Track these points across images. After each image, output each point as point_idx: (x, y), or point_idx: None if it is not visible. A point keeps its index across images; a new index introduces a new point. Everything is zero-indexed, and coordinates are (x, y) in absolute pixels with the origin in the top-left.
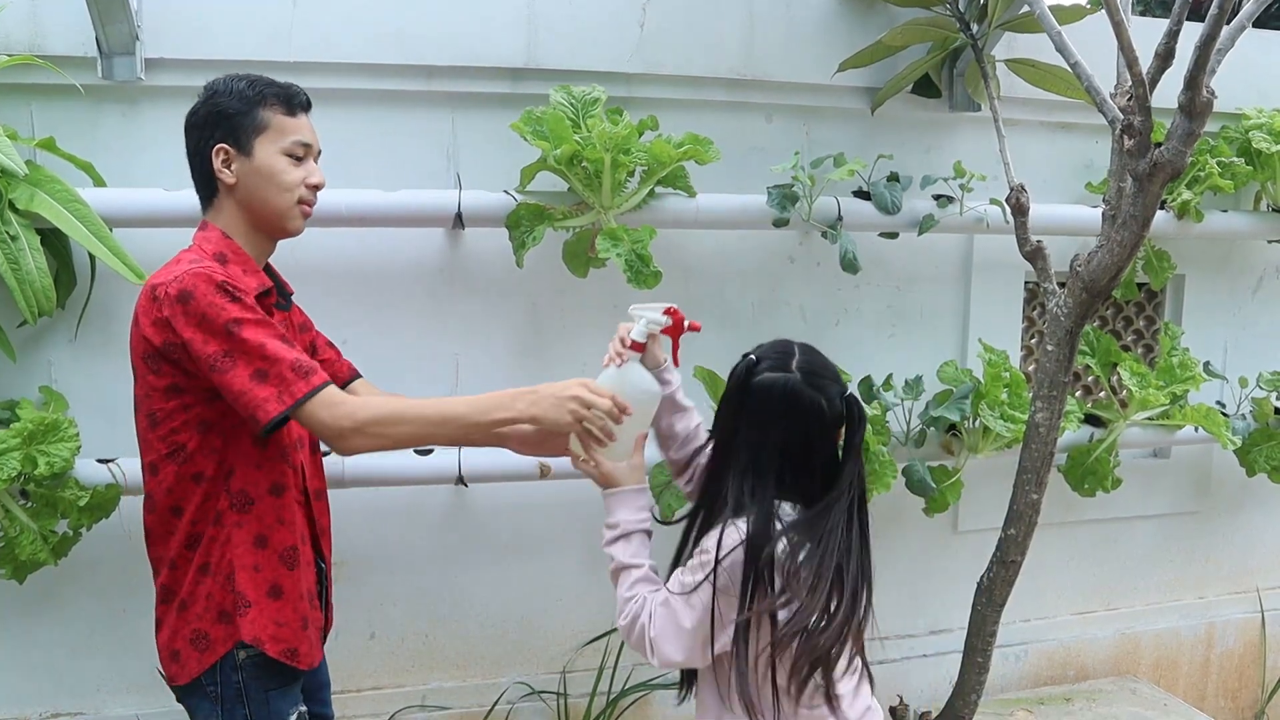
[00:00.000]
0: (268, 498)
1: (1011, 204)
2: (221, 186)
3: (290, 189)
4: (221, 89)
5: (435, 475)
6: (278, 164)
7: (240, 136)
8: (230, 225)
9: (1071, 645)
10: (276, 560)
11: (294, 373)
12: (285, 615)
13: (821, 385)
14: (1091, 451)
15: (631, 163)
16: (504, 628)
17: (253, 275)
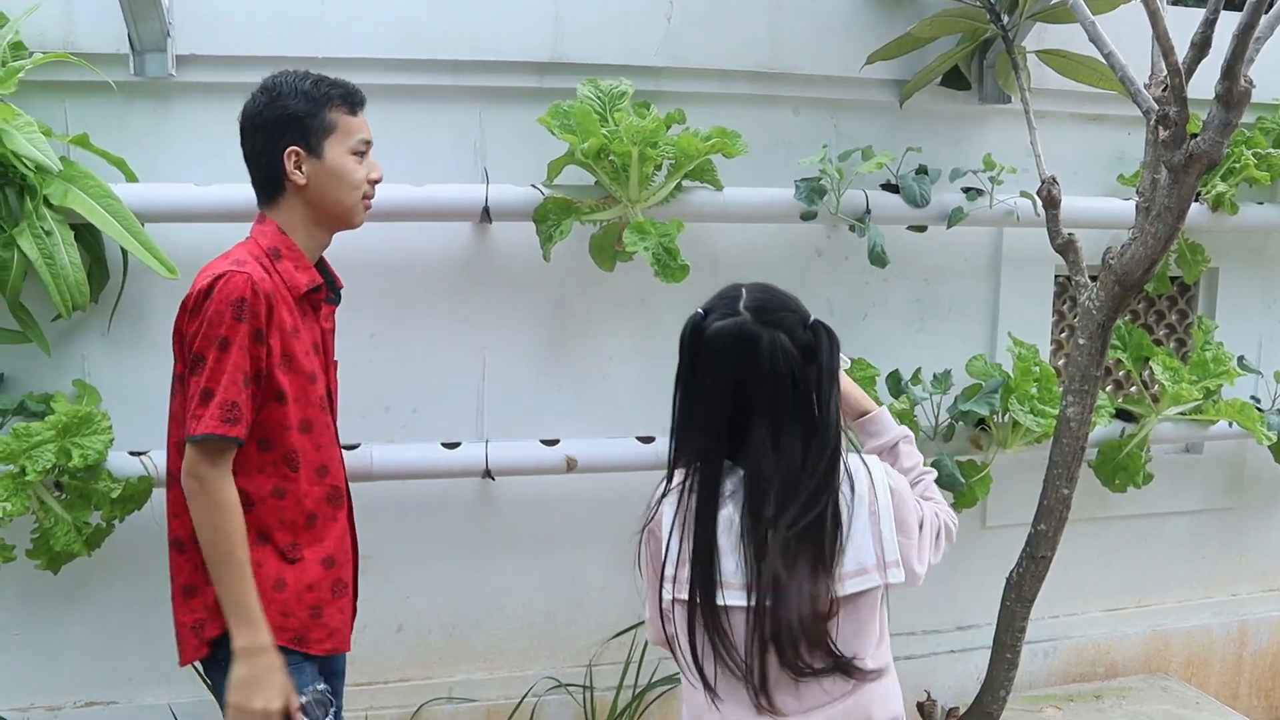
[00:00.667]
0: (270, 499)
1: (1043, 196)
2: (290, 186)
3: (358, 186)
4: (286, 90)
5: (462, 468)
6: (347, 164)
7: (310, 139)
8: (291, 221)
9: (1102, 642)
10: (277, 557)
11: (219, 410)
12: (290, 606)
13: (776, 320)
14: (1123, 447)
15: (659, 156)
16: (531, 621)
17: (304, 271)
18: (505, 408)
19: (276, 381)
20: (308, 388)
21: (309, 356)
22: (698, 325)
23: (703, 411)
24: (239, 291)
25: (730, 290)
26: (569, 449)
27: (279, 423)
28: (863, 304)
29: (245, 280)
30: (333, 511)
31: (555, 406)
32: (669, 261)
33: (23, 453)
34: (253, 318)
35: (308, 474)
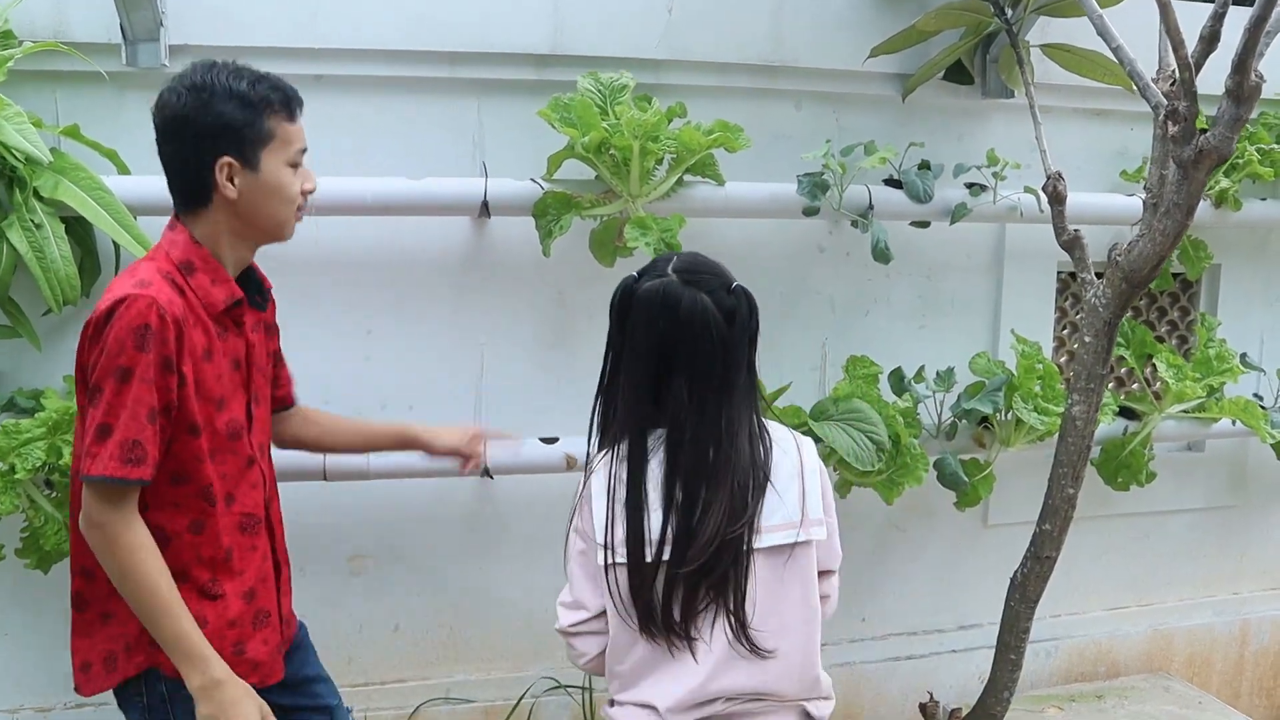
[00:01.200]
0: (186, 535)
1: (1049, 192)
2: (217, 199)
3: (294, 200)
4: (220, 91)
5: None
6: (284, 176)
7: (246, 150)
8: (212, 233)
9: (1103, 641)
10: (197, 594)
11: (118, 449)
12: (214, 645)
13: (700, 281)
14: (1126, 445)
15: (660, 150)
16: (530, 621)
17: (221, 285)
18: (504, 405)
19: (190, 412)
20: (214, 416)
21: (220, 380)
22: (629, 288)
23: (629, 374)
24: (142, 317)
25: (662, 257)
26: (568, 447)
27: (193, 455)
28: (865, 301)
29: (149, 305)
30: (249, 540)
31: (555, 404)
32: None
33: (12, 450)
34: (160, 345)
35: (221, 507)
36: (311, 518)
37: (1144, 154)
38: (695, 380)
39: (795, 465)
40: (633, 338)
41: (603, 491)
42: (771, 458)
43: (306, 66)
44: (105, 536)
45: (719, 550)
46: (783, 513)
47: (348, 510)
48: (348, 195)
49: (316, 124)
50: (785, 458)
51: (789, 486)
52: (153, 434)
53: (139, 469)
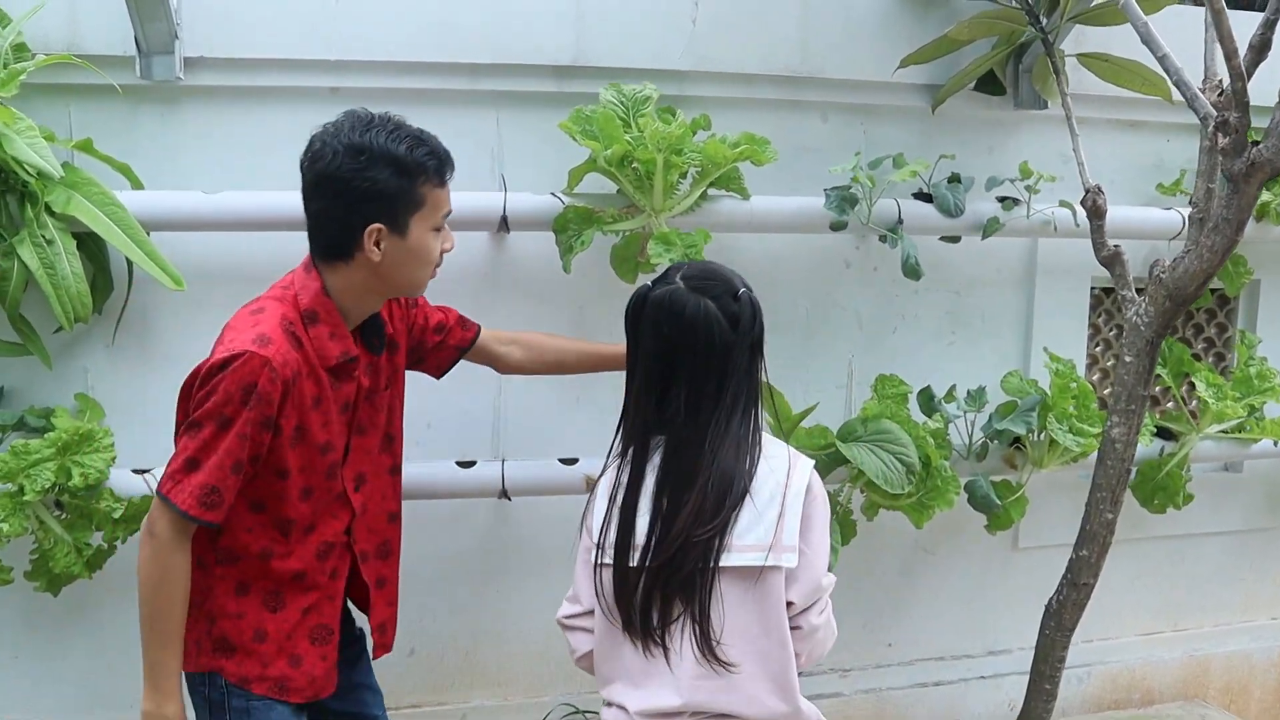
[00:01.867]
0: (255, 560)
1: (1088, 206)
2: (359, 258)
3: (434, 262)
4: (379, 155)
5: (478, 488)
6: (429, 242)
7: (399, 217)
8: (346, 287)
9: (1137, 667)
10: (259, 605)
11: (200, 490)
12: (269, 657)
13: (706, 288)
14: (1162, 466)
15: (684, 164)
16: (548, 645)
17: (339, 341)
18: (522, 425)
19: (281, 460)
20: (316, 458)
21: (328, 426)
22: (641, 296)
23: (639, 380)
24: (254, 376)
25: (675, 266)
26: (588, 468)
27: (276, 494)
28: (892, 317)
29: (263, 365)
30: (324, 565)
31: (574, 424)
32: None
33: (21, 471)
34: (264, 405)
35: (298, 535)
36: None
37: (1181, 166)
38: (693, 386)
39: (779, 485)
40: (642, 345)
41: (606, 492)
42: (756, 472)
43: (323, 79)
44: (153, 549)
45: (684, 549)
46: (756, 533)
47: None
48: None
49: None
50: (771, 475)
51: (769, 506)
52: (234, 483)
53: (211, 513)
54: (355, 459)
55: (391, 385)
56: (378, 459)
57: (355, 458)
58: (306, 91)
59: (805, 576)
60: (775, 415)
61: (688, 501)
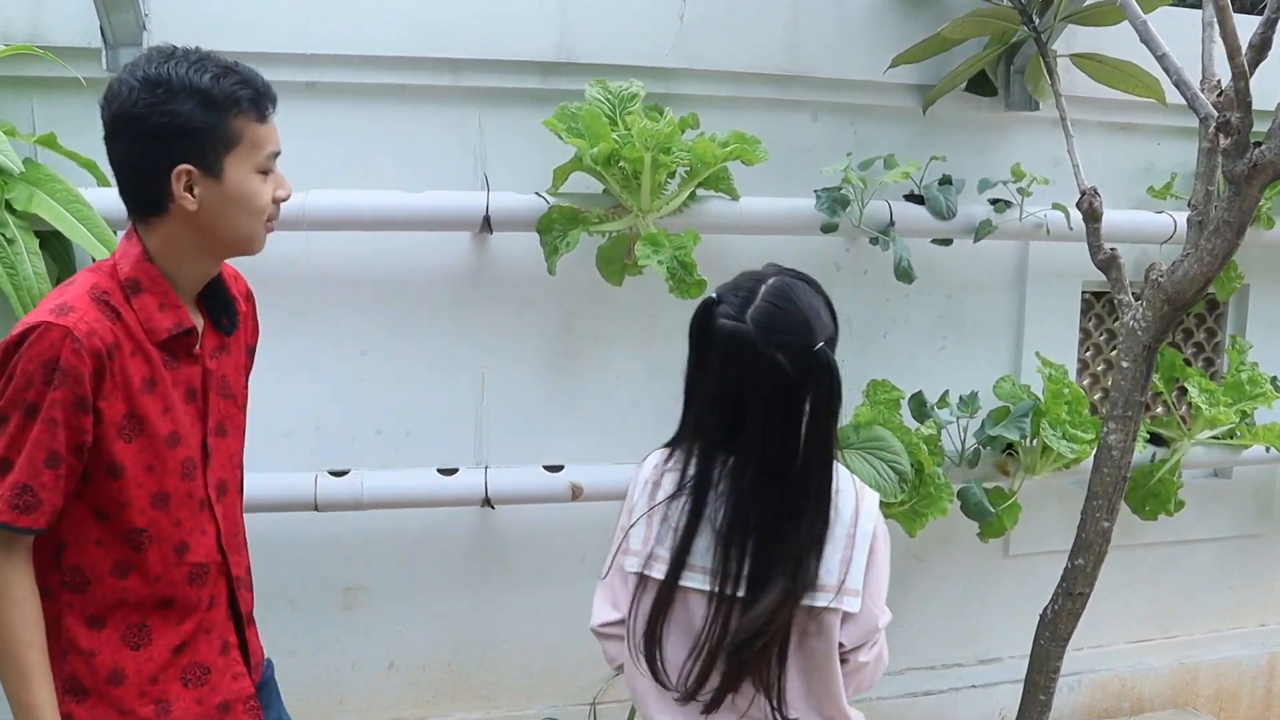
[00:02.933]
0: (109, 579)
1: (1083, 209)
2: (175, 209)
3: (263, 211)
4: (178, 87)
5: (460, 497)
6: (252, 185)
7: (208, 155)
8: (168, 247)
9: (1127, 675)
10: (117, 641)
11: (10, 491)
12: (128, 703)
13: (780, 341)
14: (1154, 472)
15: (673, 163)
16: (531, 656)
17: (169, 311)
18: (506, 431)
19: (110, 454)
20: (165, 453)
21: (169, 414)
22: (707, 311)
23: (704, 401)
24: (53, 350)
25: (749, 281)
26: (574, 475)
27: (114, 498)
28: (883, 321)
29: (62, 336)
30: (196, 592)
31: (559, 430)
32: (684, 276)
33: None
34: (73, 383)
35: (161, 553)
36: (302, 549)
37: (1172, 169)
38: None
39: (847, 525)
40: (704, 368)
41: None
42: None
43: (299, 73)
44: None
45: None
46: (823, 572)
47: (340, 541)
48: (342, 209)
49: (309, 134)
50: (839, 515)
51: (836, 548)
52: (51, 479)
53: (27, 516)
54: (216, 463)
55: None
56: (234, 470)
57: (216, 461)
58: (280, 87)
59: (863, 620)
60: None
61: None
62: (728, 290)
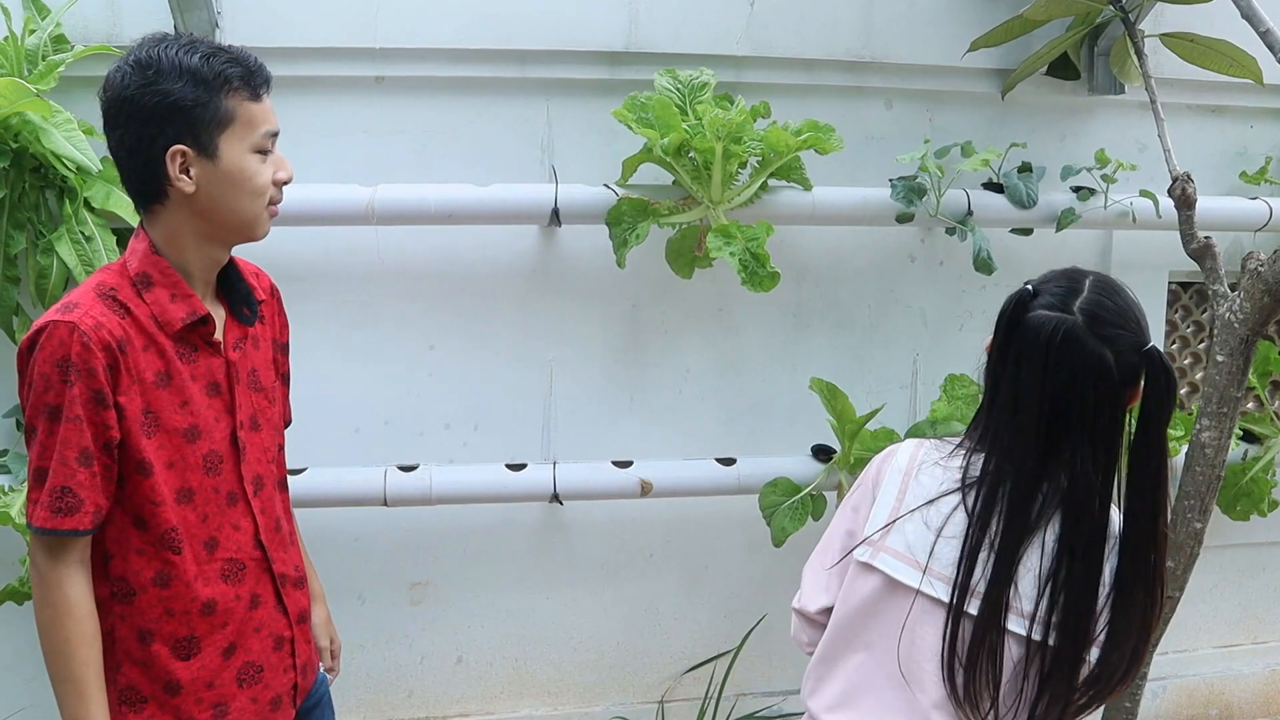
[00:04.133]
0: (152, 589)
1: (1176, 196)
2: (173, 193)
3: (262, 192)
4: (167, 68)
5: (528, 492)
6: (248, 165)
7: (201, 135)
8: (173, 236)
9: (1215, 681)
10: (168, 654)
11: (49, 497)
12: (187, 710)
13: (1109, 335)
14: (1246, 471)
15: (744, 153)
16: (599, 653)
17: (181, 301)
18: (574, 426)
19: (138, 450)
20: (184, 448)
21: (186, 408)
22: (1022, 303)
23: (1012, 403)
24: (63, 348)
25: (1072, 274)
26: (643, 471)
27: (147, 498)
28: (959, 314)
29: (70, 332)
30: (233, 589)
31: (628, 425)
32: (757, 269)
33: None
34: (88, 377)
35: (194, 551)
36: (371, 545)
37: (1266, 154)
38: (1098, 450)
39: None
40: (1018, 369)
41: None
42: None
43: (367, 68)
44: (38, 589)
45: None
46: None
47: (409, 537)
48: (410, 203)
49: (378, 128)
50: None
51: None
52: (87, 477)
53: (70, 518)
54: (251, 457)
55: (278, 376)
56: (271, 466)
57: (251, 455)
58: (350, 81)
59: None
60: (838, 417)
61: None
62: (1044, 281)
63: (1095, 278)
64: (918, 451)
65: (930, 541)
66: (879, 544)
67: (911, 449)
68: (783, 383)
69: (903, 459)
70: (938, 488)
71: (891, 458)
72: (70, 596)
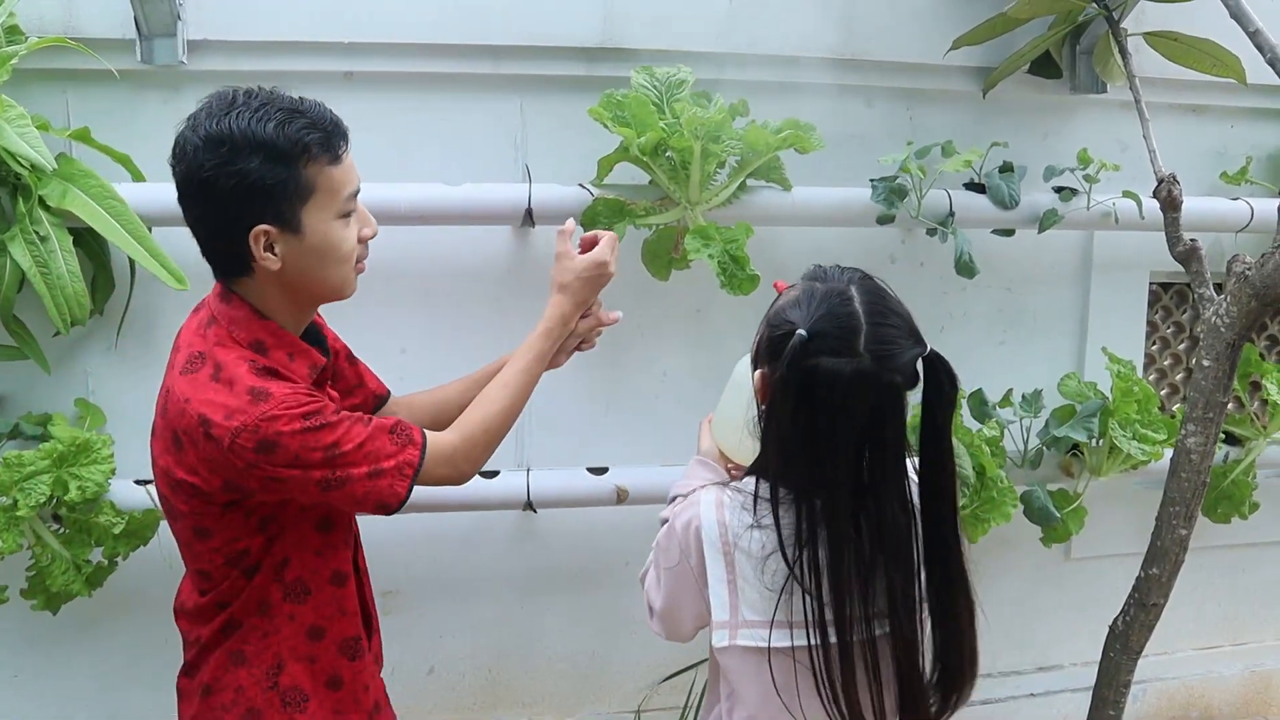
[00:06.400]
0: (328, 588)
1: (1161, 197)
2: (259, 269)
3: (350, 257)
4: (241, 143)
5: (501, 500)
6: (334, 234)
7: (284, 211)
8: (266, 300)
9: (1194, 684)
10: (335, 651)
11: (396, 448)
12: (345, 705)
13: (898, 364)
14: (1228, 473)
15: (723, 152)
16: (574, 663)
17: (301, 357)
18: (548, 432)
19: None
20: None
21: None
22: (804, 352)
23: (813, 448)
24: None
25: (835, 300)
26: (619, 478)
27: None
28: (940, 316)
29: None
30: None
31: (603, 431)
32: (736, 271)
33: (14, 484)
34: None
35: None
36: None
37: (1246, 154)
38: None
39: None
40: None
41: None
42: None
43: (336, 62)
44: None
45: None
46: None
47: (378, 544)
48: (380, 202)
49: (347, 125)
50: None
51: None
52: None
53: (412, 443)
54: None
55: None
56: None
57: None
58: (320, 76)
59: None
60: None
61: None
62: (818, 322)
63: (864, 299)
64: (722, 516)
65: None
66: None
67: (713, 515)
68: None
69: (712, 532)
70: (761, 550)
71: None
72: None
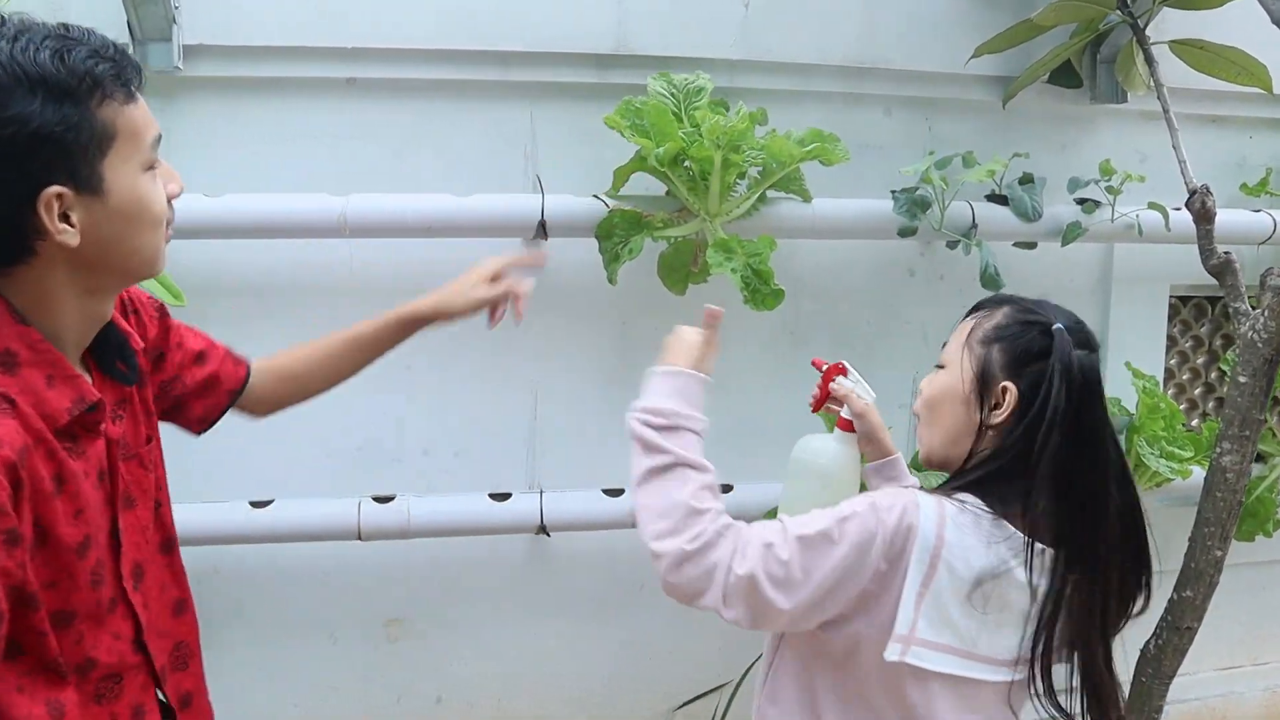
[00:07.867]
0: None
1: (1195, 209)
2: (47, 249)
3: (162, 220)
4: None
5: (513, 523)
6: (142, 189)
7: (80, 167)
8: (43, 297)
9: (1215, 704)
10: None
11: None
12: None
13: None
14: (1252, 490)
15: (744, 162)
16: (588, 690)
17: (63, 385)
18: (560, 451)
19: (26, 582)
20: (73, 566)
21: (81, 516)
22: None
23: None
24: None
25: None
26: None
27: (29, 628)
28: None
29: None
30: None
31: (618, 451)
32: (760, 286)
33: None
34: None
35: (74, 681)
36: (343, 580)
37: (1266, 165)
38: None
39: None
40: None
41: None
42: None
43: (337, 69)
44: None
45: None
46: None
47: (383, 570)
48: (385, 214)
49: (350, 134)
50: None
51: None
52: None
53: None
54: (129, 544)
55: (153, 432)
56: (151, 537)
57: (129, 541)
58: (320, 83)
59: None
60: None
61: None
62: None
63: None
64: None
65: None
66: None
67: (933, 529)
68: (779, 403)
69: (927, 542)
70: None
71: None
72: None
